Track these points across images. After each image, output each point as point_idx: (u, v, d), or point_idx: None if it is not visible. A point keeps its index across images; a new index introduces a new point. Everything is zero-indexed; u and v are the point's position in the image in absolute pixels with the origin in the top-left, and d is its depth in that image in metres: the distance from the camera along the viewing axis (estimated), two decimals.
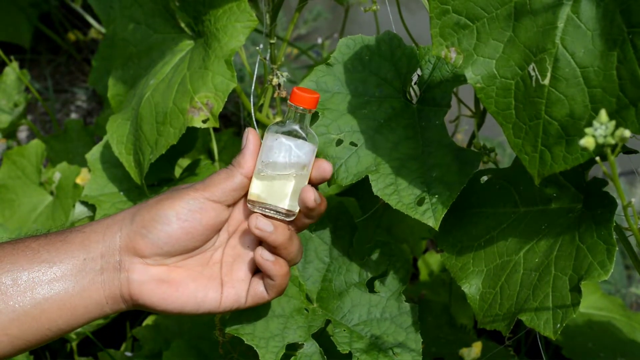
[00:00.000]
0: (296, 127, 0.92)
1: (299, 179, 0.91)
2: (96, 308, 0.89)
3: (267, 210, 0.91)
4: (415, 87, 1.06)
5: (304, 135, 0.91)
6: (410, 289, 1.64)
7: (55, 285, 0.86)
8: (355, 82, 1.06)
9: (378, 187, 0.98)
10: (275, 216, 0.91)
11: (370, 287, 1.06)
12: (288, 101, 0.92)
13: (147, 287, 0.89)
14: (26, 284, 0.85)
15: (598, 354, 1.43)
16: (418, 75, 1.06)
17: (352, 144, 1.01)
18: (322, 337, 1.03)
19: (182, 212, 0.88)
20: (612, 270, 0.87)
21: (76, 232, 0.88)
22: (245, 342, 0.98)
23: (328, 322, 1.03)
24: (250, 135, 0.91)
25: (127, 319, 1.67)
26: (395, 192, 0.98)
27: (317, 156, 0.96)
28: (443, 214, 0.95)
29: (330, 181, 1.00)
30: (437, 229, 0.95)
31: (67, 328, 0.88)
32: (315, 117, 1.04)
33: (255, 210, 0.91)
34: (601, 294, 1.59)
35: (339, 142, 1.01)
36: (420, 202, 0.96)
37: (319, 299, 1.07)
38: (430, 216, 0.96)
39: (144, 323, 1.50)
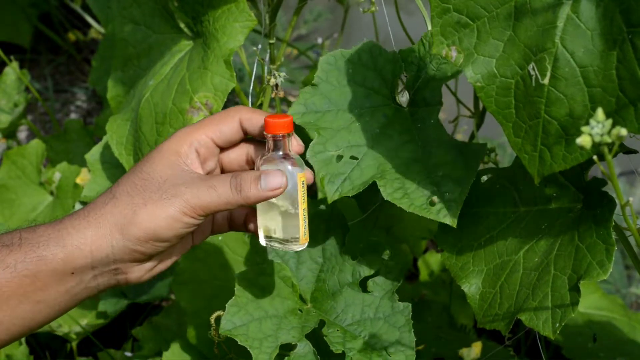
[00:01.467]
0: (279, 153, 0.90)
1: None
2: (90, 298, 0.91)
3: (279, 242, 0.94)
4: (404, 90, 1.06)
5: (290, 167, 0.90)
6: (410, 289, 1.64)
7: (41, 298, 0.85)
8: (343, 97, 1.06)
9: (387, 192, 0.98)
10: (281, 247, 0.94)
11: (363, 287, 1.06)
12: (264, 132, 0.90)
13: (147, 275, 0.90)
14: (11, 304, 0.83)
15: (598, 354, 1.43)
16: (404, 78, 1.06)
17: (353, 157, 1.01)
18: (316, 338, 1.03)
19: (180, 230, 0.86)
20: (611, 270, 0.87)
21: (55, 247, 0.84)
22: (239, 343, 0.98)
23: (322, 322, 1.03)
24: (284, 179, 0.88)
25: (127, 319, 1.67)
26: (405, 195, 0.98)
27: (318, 174, 0.99)
28: (459, 210, 0.95)
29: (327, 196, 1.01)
30: (454, 225, 0.95)
31: (59, 318, 0.89)
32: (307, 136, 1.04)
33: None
34: (601, 294, 1.59)
35: (339, 158, 1.01)
36: (432, 202, 0.96)
37: (312, 300, 1.07)
38: (446, 214, 0.96)
39: (144, 323, 1.50)
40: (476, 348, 1.34)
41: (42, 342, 1.66)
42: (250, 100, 1.17)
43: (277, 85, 1.13)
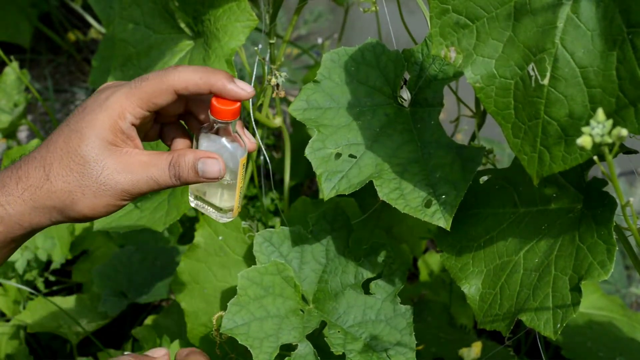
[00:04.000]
0: (222, 140, 0.88)
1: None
2: None
3: (205, 206, 0.93)
4: (406, 90, 1.06)
5: (230, 148, 0.89)
6: (410, 289, 1.64)
7: None
8: (345, 94, 1.05)
9: (383, 192, 0.98)
10: (211, 214, 0.93)
11: (366, 289, 1.06)
12: (210, 114, 0.87)
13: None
14: None
15: (597, 354, 1.43)
16: (406, 78, 1.06)
17: (352, 156, 1.01)
18: (316, 338, 1.03)
19: (116, 210, 0.87)
20: (612, 270, 0.87)
21: None
22: (240, 342, 0.98)
23: (323, 323, 1.03)
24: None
25: (127, 319, 1.67)
26: (401, 196, 0.98)
27: (317, 171, 0.99)
28: (453, 214, 0.95)
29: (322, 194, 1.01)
30: (448, 228, 0.95)
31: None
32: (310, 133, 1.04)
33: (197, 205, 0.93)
34: (601, 294, 1.59)
35: (338, 156, 1.01)
36: (427, 204, 0.96)
37: (314, 300, 1.07)
38: (440, 217, 0.96)
39: (144, 323, 1.50)
40: (476, 348, 1.35)
41: (43, 342, 1.66)
42: (250, 100, 1.17)
43: (278, 85, 1.13)
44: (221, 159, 0.87)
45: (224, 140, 0.88)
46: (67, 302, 1.60)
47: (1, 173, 0.86)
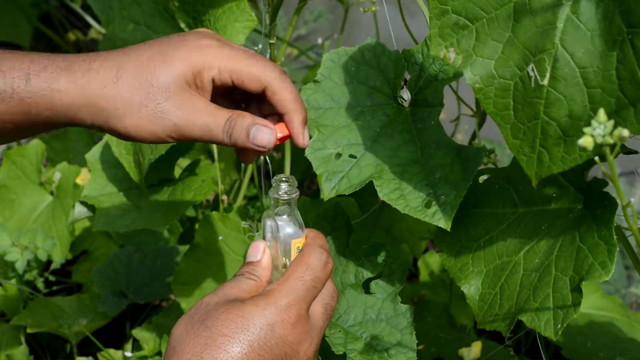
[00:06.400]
0: (284, 216, 0.87)
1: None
2: None
3: None
4: (406, 90, 1.06)
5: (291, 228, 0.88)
6: (410, 289, 1.64)
7: None
8: (345, 94, 1.06)
9: (383, 193, 0.98)
10: None
11: (366, 288, 1.06)
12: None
13: None
14: None
15: (597, 354, 1.43)
16: (406, 78, 1.06)
17: (352, 156, 1.01)
18: None
19: (161, 142, 0.87)
20: (613, 271, 0.87)
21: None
22: None
23: None
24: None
25: (127, 319, 1.67)
26: (402, 196, 0.98)
27: (317, 171, 0.99)
28: (453, 214, 0.95)
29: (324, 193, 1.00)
30: (448, 229, 0.95)
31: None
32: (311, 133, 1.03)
33: None
34: (601, 294, 1.59)
35: (338, 156, 1.01)
36: (428, 205, 0.96)
37: None
38: (441, 217, 0.96)
39: (144, 323, 1.50)
40: (476, 348, 1.35)
41: (42, 342, 1.66)
42: None
43: None
44: (275, 131, 0.86)
45: (284, 218, 0.87)
46: (67, 302, 1.60)
47: (73, 57, 0.85)
